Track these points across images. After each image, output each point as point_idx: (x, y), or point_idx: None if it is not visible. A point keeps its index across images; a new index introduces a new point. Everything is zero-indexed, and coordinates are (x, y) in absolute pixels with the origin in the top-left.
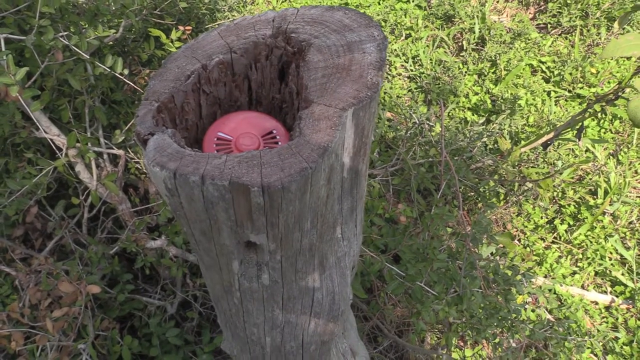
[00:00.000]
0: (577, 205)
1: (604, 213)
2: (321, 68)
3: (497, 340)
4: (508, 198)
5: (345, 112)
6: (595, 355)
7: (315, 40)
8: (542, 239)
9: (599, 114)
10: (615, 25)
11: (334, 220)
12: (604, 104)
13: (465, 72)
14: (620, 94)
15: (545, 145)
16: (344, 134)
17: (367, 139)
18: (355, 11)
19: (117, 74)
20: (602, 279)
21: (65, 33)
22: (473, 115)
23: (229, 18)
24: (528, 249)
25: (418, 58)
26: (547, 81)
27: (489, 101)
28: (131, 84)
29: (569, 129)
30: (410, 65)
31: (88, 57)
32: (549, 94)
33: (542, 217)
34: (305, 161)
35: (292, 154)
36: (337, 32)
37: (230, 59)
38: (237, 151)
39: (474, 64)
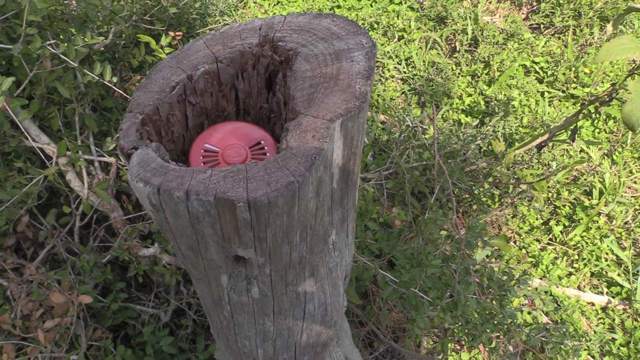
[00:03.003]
0: (572, 206)
1: (599, 213)
2: (308, 78)
3: (493, 344)
4: (503, 200)
5: (333, 123)
6: (592, 357)
7: (302, 49)
8: (537, 240)
9: (593, 114)
10: (609, 27)
11: (325, 232)
12: (597, 105)
13: (459, 73)
14: (614, 95)
15: (539, 147)
16: (333, 145)
17: (357, 149)
18: (343, 18)
19: (106, 82)
20: (598, 280)
21: (54, 41)
22: (467, 117)
23: (220, 22)
24: (523, 250)
25: (411, 60)
26: (540, 82)
27: (482, 102)
28: (121, 91)
29: (563, 130)
30: (403, 67)
31: (76, 65)
32: (542, 94)
33: (537, 219)
34: (292, 175)
35: (278, 168)
36: (324, 40)
37: (217, 68)
38: (225, 163)
39: (467, 65)
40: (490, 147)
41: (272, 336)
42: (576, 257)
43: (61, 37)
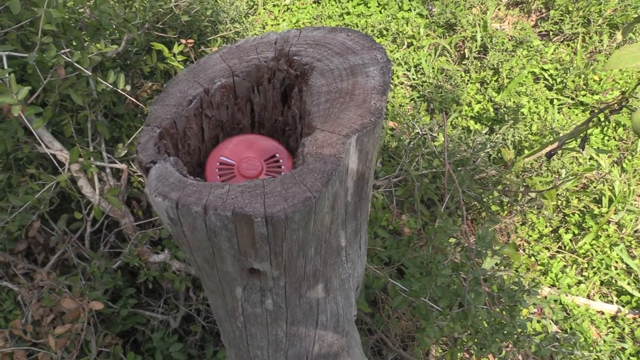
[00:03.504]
0: (581, 214)
1: (608, 222)
2: (324, 93)
3: (503, 354)
4: (512, 208)
5: (349, 138)
6: None
7: (318, 64)
8: (546, 248)
9: (603, 122)
10: (619, 35)
11: (338, 244)
12: (607, 113)
13: (468, 80)
14: (624, 103)
15: (549, 155)
16: (348, 160)
17: (371, 162)
18: (358, 33)
19: (119, 90)
20: (608, 289)
21: (68, 50)
22: (476, 124)
23: (230, 30)
24: (533, 258)
25: (420, 67)
26: (549, 89)
27: (491, 109)
28: (133, 99)
29: (573, 138)
30: (413, 74)
31: (90, 73)
32: (551, 101)
33: (546, 227)
34: (309, 190)
35: (295, 183)
36: (340, 54)
37: (233, 82)
38: (240, 175)
39: (476, 72)
40: (499, 154)
41: (284, 347)
42: (586, 265)
43: (74, 44)
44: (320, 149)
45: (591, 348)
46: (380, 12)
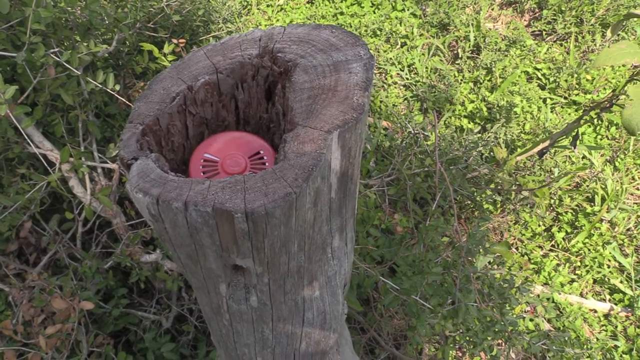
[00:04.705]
0: (574, 213)
1: (601, 220)
2: (307, 89)
3: (494, 352)
4: (505, 206)
5: (331, 134)
6: None
7: (301, 60)
8: (539, 247)
9: (595, 121)
10: (608, 33)
11: (323, 241)
12: (598, 111)
13: (461, 80)
14: (614, 101)
15: (541, 154)
16: (330, 156)
17: (355, 159)
18: (342, 30)
19: (109, 90)
20: (601, 287)
21: (57, 49)
22: (469, 123)
23: (223, 29)
24: (526, 257)
25: (413, 66)
26: (542, 88)
27: (484, 109)
28: (123, 99)
29: (565, 137)
30: (406, 74)
31: (80, 73)
32: (544, 101)
33: (539, 225)
34: (290, 186)
35: (276, 179)
36: (323, 51)
37: (217, 79)
38: (224, 172)
39: (469, 71)
40: (492, 153)
41: (271, 344)
42: (578, 263)
43: (65, 44)
44: (301, 144)
45: (584, 346)
46: (374, 12)
